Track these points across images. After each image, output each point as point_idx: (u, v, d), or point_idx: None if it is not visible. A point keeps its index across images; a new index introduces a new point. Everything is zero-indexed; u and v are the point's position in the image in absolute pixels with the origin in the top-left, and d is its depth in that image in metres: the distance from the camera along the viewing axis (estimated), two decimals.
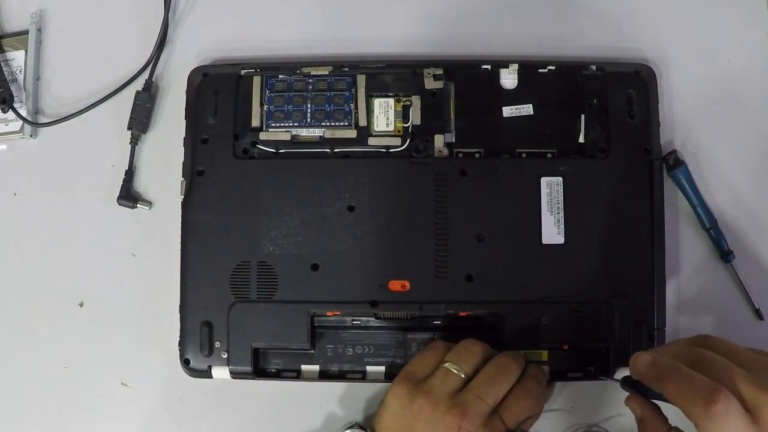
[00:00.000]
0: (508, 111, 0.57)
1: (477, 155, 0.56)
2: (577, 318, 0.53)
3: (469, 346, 0.50)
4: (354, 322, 0.55)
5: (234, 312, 0.54)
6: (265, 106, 0.57)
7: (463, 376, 0.49)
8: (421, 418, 0.47)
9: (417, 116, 0.56)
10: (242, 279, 0.54)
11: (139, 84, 0.60)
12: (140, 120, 0.59)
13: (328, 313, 0.54)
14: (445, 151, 0.56)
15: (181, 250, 0.55)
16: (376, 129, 0.56)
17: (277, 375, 0.55)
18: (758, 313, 0.56)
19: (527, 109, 0.57)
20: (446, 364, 0.49)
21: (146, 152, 0.60)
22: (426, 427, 0.47)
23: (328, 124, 0.56)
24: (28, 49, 0.61)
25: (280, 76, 0.57)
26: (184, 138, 0.57)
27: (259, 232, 0.55)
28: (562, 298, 0.54)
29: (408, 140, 0.56)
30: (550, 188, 0.55)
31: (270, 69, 0.58)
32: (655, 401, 0.47)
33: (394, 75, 0.57)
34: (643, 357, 0.45)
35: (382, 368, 0.55)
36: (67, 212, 0.59)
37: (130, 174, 0.59)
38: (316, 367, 0.55)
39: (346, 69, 0.57)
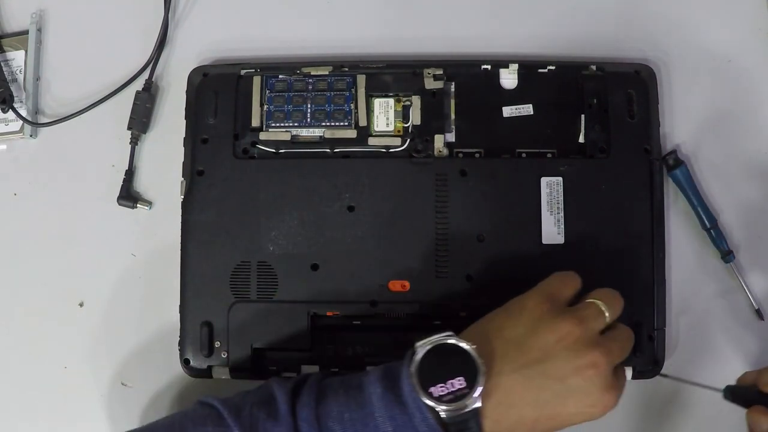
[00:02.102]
0: (508, 111, 0.57)
1: (477, 155, 0.56)
2: None
3: (616, 297, 0.47)
4: (354, 322, 0.55)
5: (234, 312, 0.54)
6: (265, 106, 0.57)
7: (608, 321, 0.46)
8: (564, 342, 0.44)
9: (417, 116, 0.56)
10: (242, 279, 0.54)
11: (139, 84, 0.60)
12: (140, 120, 0.59)
13: (328, 313, 0.54)
14: (445, 151, 0.56)
15: (181, 250, 0.55)
16: (376, 129, 0.56)
17: (277, 375, 0.55)
18: (758, 313, 0.56)
19: (527, 109, 0.57)
20: (597, 302, 0.46)
21: (146, 152, 0.60)
22: (564, 351, 0.44)
23: (328, 124, 0.56)
24: (28, 49, 0.61)
25: (280, 76, 0.57)
26: (184, 138, 0.57)
27: (259, 232, 0.55)
28: None
29: (408, 140, 0.56)
30: (550, 188, 0.55)
31: (270, 69, 0.58)
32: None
33: (394, 75, 0.57)
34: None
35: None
36: (67, 212, 0.59)
37: (130, 174, 0.59)
38: (316, 368, 0.55)
39: (346, 69, 0.57)
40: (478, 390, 0.43)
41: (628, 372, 0.53)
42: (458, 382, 0.43)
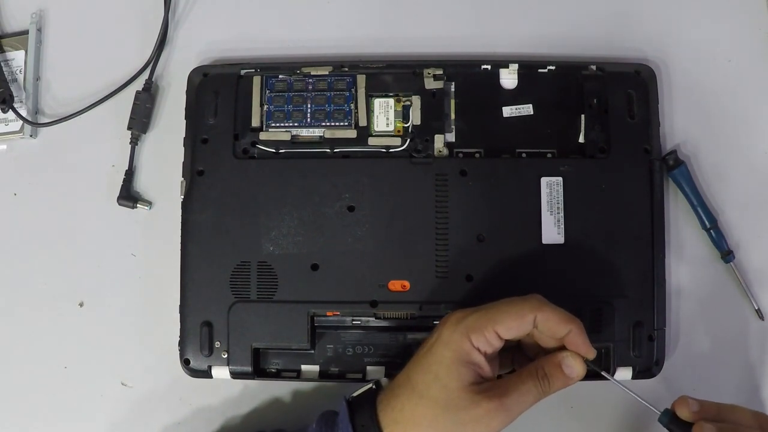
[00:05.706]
0: (508, 111, 0.57)
1: (477, 155, 0.56)
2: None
3: None
4: (354, 322, 0.55)
5: (234, 312, 0.54)
6: (265, 106, 0.57)
7: None
8: None
9: (417, 116, 0.56)
10: (242, 279, 0.54)
11: (139, 84, 0.60)
12: (140, 120, 0.59)
13: (328, 313, 0.54)
14: (445, 151, 0.56)
15: (181, 250, 0.55)
16: (376, 129, 0.56)
17: (277, 375, 0.55)
18: (758, 313, 0.56)
19: (527, 109, 0.57)
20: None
21: (146, 152, 0.60)
22: None
23: (328, 124, 0.56)
24: (28, 49, 0.61)
25: (280, 76, 0.57)
26: (184, 138, 0.57)
27: (259, 232, 0.55)
28: (562, 298, 0.53)
29: (408, 140, 0.56)
30: (550, 188, 0.55)
31: (270, 69, 0.58)
32: None
33: (394, 75, 0.57)
34: (707, 427, 0.45)
35: (382, 368, 0.54)
36: (67, 212, 0.59)
37: (130, 174, 0.59)
38: (316, 367, 0.55)
39: (346, 69, 0.57)
40: None
41: (628, 372, 0.53)
42: None
